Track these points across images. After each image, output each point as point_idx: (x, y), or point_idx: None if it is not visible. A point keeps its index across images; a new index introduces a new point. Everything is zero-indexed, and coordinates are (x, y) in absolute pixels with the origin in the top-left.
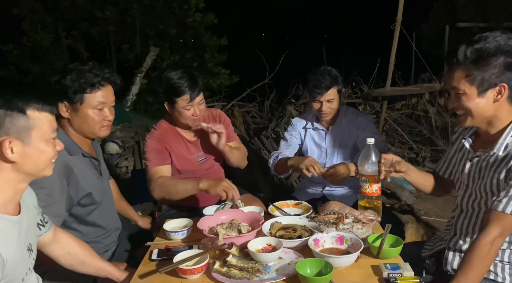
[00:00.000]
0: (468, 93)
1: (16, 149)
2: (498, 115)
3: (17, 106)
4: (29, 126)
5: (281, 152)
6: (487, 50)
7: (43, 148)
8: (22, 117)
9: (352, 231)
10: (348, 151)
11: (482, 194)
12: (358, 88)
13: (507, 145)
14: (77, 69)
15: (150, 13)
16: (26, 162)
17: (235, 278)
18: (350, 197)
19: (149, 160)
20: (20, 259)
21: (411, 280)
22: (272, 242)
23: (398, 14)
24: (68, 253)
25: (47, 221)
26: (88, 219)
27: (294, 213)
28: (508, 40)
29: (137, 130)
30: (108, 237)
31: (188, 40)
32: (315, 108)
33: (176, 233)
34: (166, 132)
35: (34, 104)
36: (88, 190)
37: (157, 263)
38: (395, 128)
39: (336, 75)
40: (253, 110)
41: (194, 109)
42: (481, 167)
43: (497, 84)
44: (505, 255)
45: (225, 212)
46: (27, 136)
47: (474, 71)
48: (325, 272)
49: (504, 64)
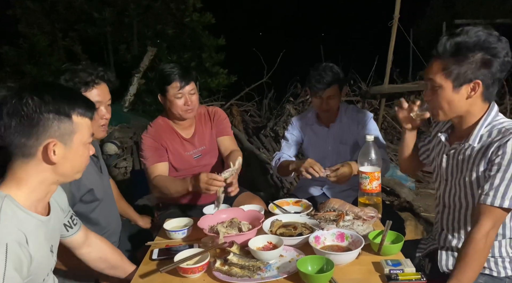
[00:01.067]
0: (443, 86)
1: (58, 151)
2: (471, 111)
3: (64, 110)
4: (72, 130)
5: (283, 153)
6: (466, 44)
7: (81, 152)
8: (67, 121)
9: (352, 228)
10: (349, 148)
11: (461, 188)
12: (356, 86)
13: (481, 136)
14: (70, 68)
15: (148, 13)
16: (65, 164)
17: (236, 276)
18: (349, 195)
19: (146, 158)
20: (44, 259)
21: (413, 276)
22: (273, 240)
23: (396, 12)
24: (100, 257)
25: (76, 223)
26: (91, 217)
27: (294, 211)
28: (488, 37)
29: (136, 130)
30: (110, 237)
31: (186, 40)
32: (315, 104)
33: (177, 233)
34: (162, 129)
35: (78, 109)
36: (89, 187)
37: (157, 262)
38: (393, 125)
39: (338, 71)
40: (251, 109)
41: (185, 98)
42: (458, 160)
43: (472, 80)
44: (495, 250)
45: (226, 211)
46: (69, 140)
47: (451, 65)
48: (326, 269)
49: (481, 60)
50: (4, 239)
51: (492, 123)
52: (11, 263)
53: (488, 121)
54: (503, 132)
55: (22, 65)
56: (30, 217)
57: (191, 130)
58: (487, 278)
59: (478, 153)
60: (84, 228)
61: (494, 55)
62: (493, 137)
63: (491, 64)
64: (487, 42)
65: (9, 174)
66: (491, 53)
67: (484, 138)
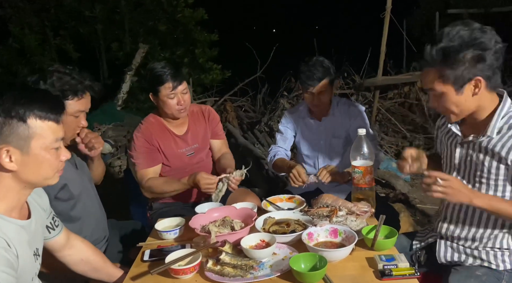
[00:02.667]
0: (446, 92)
1: (14, 158)
2: (481, 105)
3: (18, 113)
4: (28, 135)
5: (279, 147)
6: (452, 48)
7: (42, 158)
8: (21, 126)
9: (346, 223)
10: (341, 141)
11: (475, 179)
12: (350, 78)
13: (500, 128)
14: (57, 71)
15: (139, 10)
16: (26, 171)
17: (229, 276)
18: (344, 189)
19: (137, 161)
20: (27, 264)
21: (407, 271)
22: (266, 238)
23: (388, 2)
24: (81, 259)
25: (58, 225)
26: (72, 215)
27: (287, 207)
28: (472, 33)
29: (129, 128)
30: (94, 233)
31: (178, 36)
32: (307, 100)
33: (168, 233)
34: (153, 127)
35: (37, 112)
36: (63, 182)
37: (149, 264)
38: (388, 117)
39: (329, 66)
40: (245, 104)
41: (178, 97)
42: (475, 151)
43: (472, 79)
44: (496, 241)
45: (218, 210)
46: (26, 145)
47: (445, 71)
48: (320, 266)
49: (473, 57)
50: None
51: (509, 113)
52: (3, 263)
53: (505, 112)
54: None
55: (13, 65)
56: (8, 223)
57: (183, 128)
58: (486, 270)
59: (498, 145)
60: (65, 229)
61: (483, 48)
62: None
63: (484, 58)
64: (472, 39)
65: None
66: (480, 47)
67: (504, 130)
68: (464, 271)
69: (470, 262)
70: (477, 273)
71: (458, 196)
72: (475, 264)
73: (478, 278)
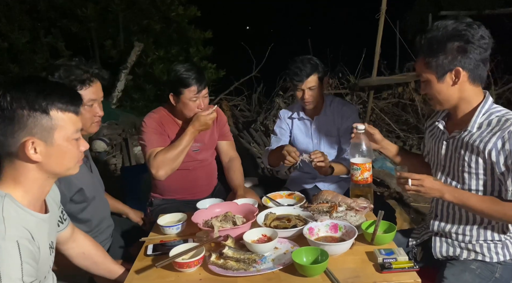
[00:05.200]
0: (430, 79)
1: (39, 149)
2: (464, 97)
3: (41, 106)
4: (52, 127)
5: (273, 148)
6: (436, 38)
7: (66, 148)
8: (45, 118)
9: (345, 218)
10: (334, 140)
11: (458, 174)
12: (344, 78)
13: (480, 124)
14: (65, 65)
15: (133, 8)
16: (50, 162)
17: (232, 269)
18: (341, 186)
19: (148, 141)
20: (46, 257)
21: (406, 264)
22: (267, 233)
23: (383, 4)
24: (83, 252)
25: (66, 218)
26: (80, 217)
27: (287, 204)
28: (459, 25)
29: (125, 127)
30: (101, 235)
31: (172, 35)
32: (298, 97)
33: (171, 228)
34: (164, 118)
35: (58, 104)
36: (79, 186)
37: (152, 258)
38: (382, 117)
39: (317, 63)
40: (241, 104)
41: (200, 101)
42: (457, 147)
43: (452, 69)
44: (488, 233)
45: (219, 205)
46: (50, 137)
47: (429, 59)
48: (321, 259)
49: (457, 49)
50: (14, 237)
51: (489, 110)
52: (26, 255)
53: (486, 109)
54: (503, 122)
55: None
56: (30, 216)
57: None
58: (480, 263)
59: (477, 141)
60: (71, 223)
61: (466, 41)
62: (493, 125)
63: (466, 50)
64: (456, 31)
65: (3, 172)
66: (463, 40)
67: (484, 127)
68: (459, 265)
69: (465, 256)
70: (472, 267)
71: (430, 192)
72: (470, 258)
73: (472, 272)
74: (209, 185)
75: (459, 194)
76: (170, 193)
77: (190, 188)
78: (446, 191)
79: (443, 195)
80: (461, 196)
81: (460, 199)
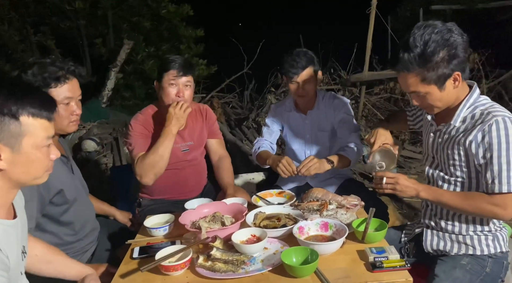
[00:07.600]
0: (430, 92)
1: (4, 156)
2: (458, 94)
3: (10, 110)
4: (20, 133)
5: (264, 139)
6: (429, 53)
7: (34, 157)
8: (13, 123)
9: (336, 217)
10: (327, 134)
11: (445, 166)
12: (336, 74)
13: (464, 117)
14: (38, 62)
15: (123, 5)
16: (16, 170)
17: (220, 271)
18: (333, 183)
19: (134, 145)
20: (17, 263)
21: (397, 263)
22: (257, 233)
23: None
24: (35, 255)
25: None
26: (61, 220)
27: (277, 202)
28: (444, 34)
29: (115, 126)
30: (86, 238)
31: (163, 32)
32: (292, 90)
33: (158, 230)
34: (151, 119)
35: (30, 109)
36: (59, 187)
37: (138, 261)
38: (374, 112)
39: (312, 56)
40: (233, 101)
41: (179, 88)
42: (443, 139)
43: (451, 75)
44: (477, 225)
45: (208, 205)
46: (17, 143)
47: (427, 74)
48: (311, 260)
49: (448, 55)
50: None
51: (474, 104)
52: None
53: (471, 102)
54: (485, 115)
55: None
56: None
57: None
58: (470, 259)
59: (461, 134)
60: None
61: (455, 47)
62: (476, 119)
63: (456, 53)
64: (445, 40)
65: None
66: (452, 46)
67: (468, 120)
68: (450, 261)
69: (455, 251)
70: (462, 263)
71: (406, 191)
72: (460, 253)
73: (463, 267)
74: (198, 185)
75: (433, 191)
76: (159, 193)
77: (179, 187)
78: (421, 189)
79: (419, 193)
80: (434, 193)
81: (434, 196)
